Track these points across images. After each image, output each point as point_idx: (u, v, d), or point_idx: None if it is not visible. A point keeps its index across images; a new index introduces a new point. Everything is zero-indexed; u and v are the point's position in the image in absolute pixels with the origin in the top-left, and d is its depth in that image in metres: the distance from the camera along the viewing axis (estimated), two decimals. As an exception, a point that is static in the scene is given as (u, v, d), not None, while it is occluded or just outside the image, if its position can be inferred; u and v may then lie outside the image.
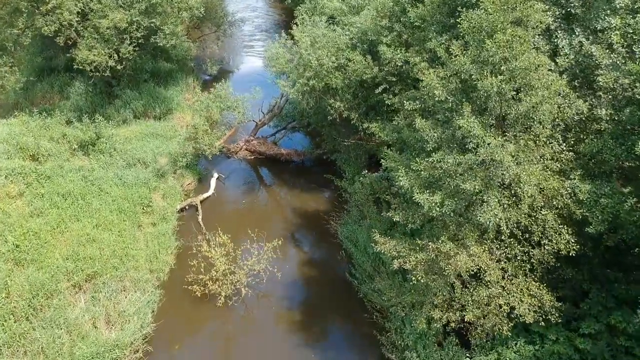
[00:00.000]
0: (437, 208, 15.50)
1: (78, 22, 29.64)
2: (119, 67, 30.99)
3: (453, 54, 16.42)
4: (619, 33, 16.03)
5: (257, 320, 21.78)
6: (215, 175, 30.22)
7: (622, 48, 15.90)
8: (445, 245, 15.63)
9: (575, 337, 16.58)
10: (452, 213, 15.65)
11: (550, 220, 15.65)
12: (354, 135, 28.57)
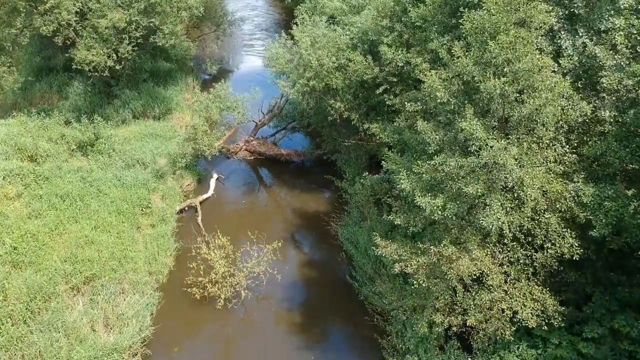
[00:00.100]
0: (439, 211, 15.31)
1: (76, 21, 29.46)
2: (118, 67, 30.80)
3: (455, 55, 16.23)
4: (623, 34, 15.85)
5: (256, 323, 21.62)
6: (215, 176, 30.05)
7: (626, 49, 15.72)
8: (447, 249, 15.45)
9: (579, 341, 16.40)
10: (454, 216, 15.47)
11: (554, 224, 15.47)
12: (355, 136, 28.39)
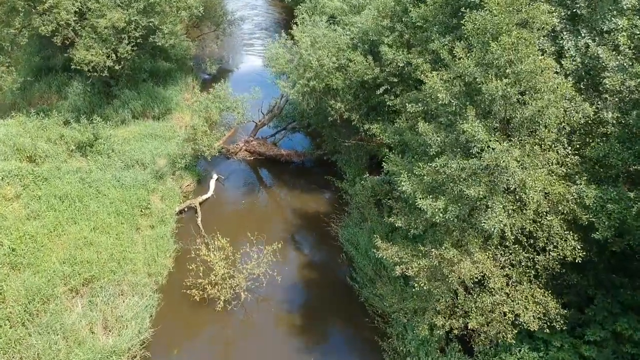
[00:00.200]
0: (440, 214, 15.19)
1: (75, 21, 29.27)
2: (117, 67, 30.66)
3: (457, 56, 16.10)
4: (626, 34, 15.76)
5: (256, 325, 21.50)
6: (215, 177, 29.93)
7: (629, 50, 15.62)
8: (449, 252, 15.33)
9: (581, 344, 16.31)
10: (455, 219, 15.35)
11: (556, 226, 15.37)
12: (355, 136, 28.26)
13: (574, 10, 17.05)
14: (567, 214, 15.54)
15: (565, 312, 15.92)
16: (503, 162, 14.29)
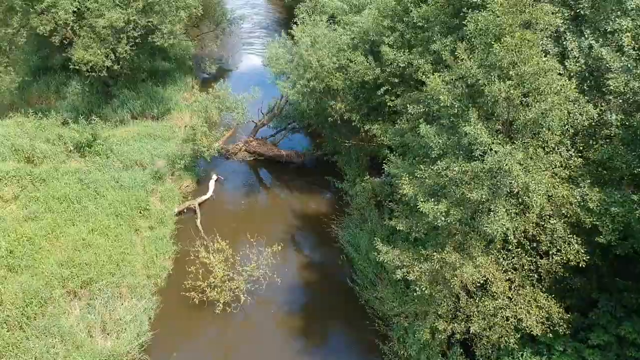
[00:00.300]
0: (442, 217, 15.00)
1: (74, 21, 29.11)
2: (116, 66, 30.51)
3: (459, 58, 15.90)
4: (630, 35, 15.52)
5: (256, 327, 21.34)
6: (214, 177, 29.75)
7: (633, 50, 15.38)
8: (451, 256, 15.16)
9: (584, 348, 16.12)
10: (457, 222, 15.17)
11: (559, 230, 15.18)
12: (355, 137, 28.10)
13: (578, 11, 16.87)
14: (570, 217, 15.35)
15: (569, 316, 15.76)
16: (506, 165, 14.08)
